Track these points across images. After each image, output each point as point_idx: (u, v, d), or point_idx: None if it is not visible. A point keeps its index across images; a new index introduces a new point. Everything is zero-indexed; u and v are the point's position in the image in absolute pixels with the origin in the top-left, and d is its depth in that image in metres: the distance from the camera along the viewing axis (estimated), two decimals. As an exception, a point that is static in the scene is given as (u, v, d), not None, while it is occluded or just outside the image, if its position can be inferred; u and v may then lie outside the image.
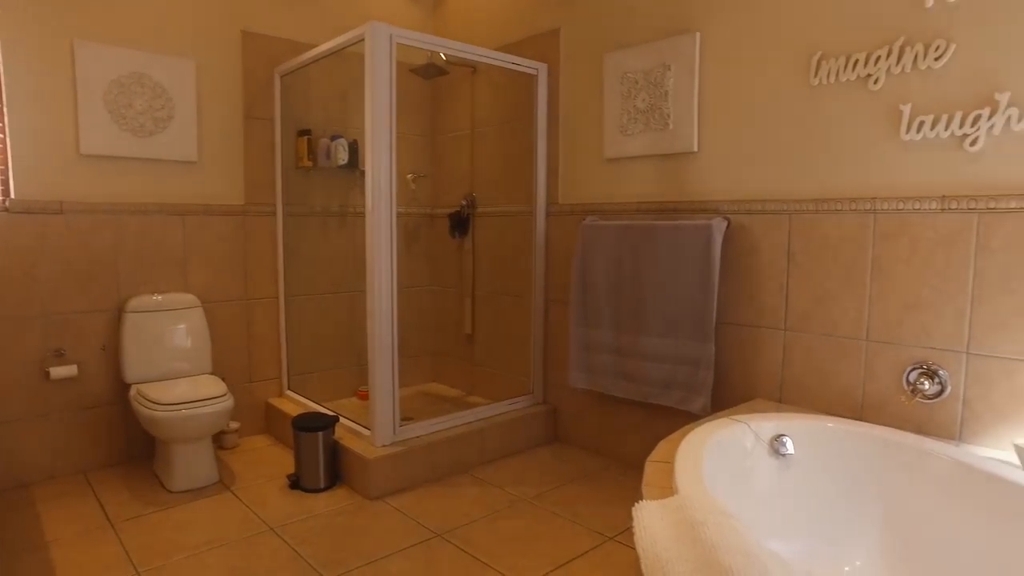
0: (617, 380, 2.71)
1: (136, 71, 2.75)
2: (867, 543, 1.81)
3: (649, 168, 2.73)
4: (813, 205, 2.25)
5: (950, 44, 1.92)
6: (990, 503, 1.63)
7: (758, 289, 2.42)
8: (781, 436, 1.98)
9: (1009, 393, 1.87)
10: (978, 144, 1.88)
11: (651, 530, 1.36)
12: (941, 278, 1.98)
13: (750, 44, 2.38)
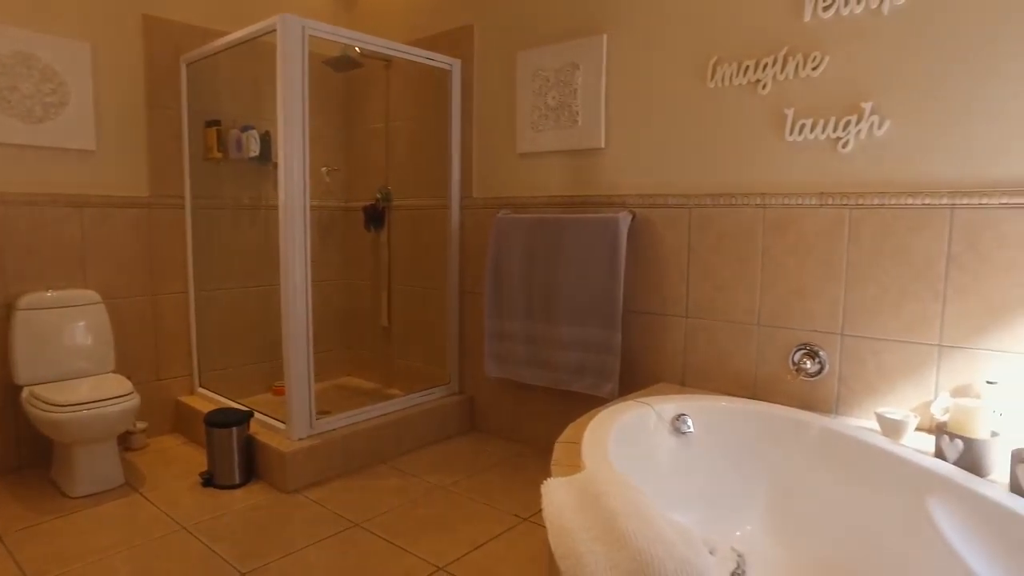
0: (530, 368, 2.81)
1: (20, 51, 2.59)
2: (756, 509, 1.99)
3: (560, 163, 2.84)
4: (710, 200, 2.41)
5: (824, 56, 2.11)
6: (854, 464, 1.84)
7: (662, 279, 2.57)
8: (682, 416, 2.12)
9: (876, 369, 2.09)
10: (848, 147, 2.08)
11: (557, 503, 1.45)
12: (821, 267, 2.18)
13: (653, 47, 2.52)
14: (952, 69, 1.90)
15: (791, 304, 2.26)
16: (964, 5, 1.87)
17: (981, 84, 1.86)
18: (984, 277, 1.89)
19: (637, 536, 1.22)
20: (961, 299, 1.93)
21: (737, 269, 2.37)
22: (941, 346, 1.98)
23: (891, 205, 2.02)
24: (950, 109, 1.91)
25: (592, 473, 1.56)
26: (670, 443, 2.08)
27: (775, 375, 2.31)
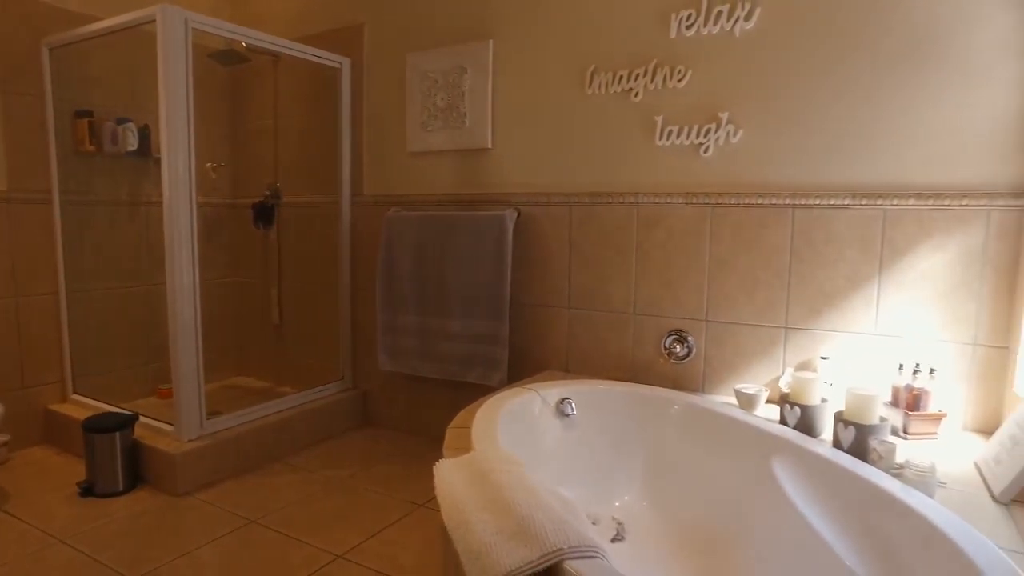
0: (423, 361, 2.89)
1: None
2: (633, 481, 2.18)
3: (449, 162, 2.94)
4: (590, 198, 2.60)
5: (688, 69, 2.34)
6: (716, 435, 2.07)
7: (546, 272, 2.73)
8: (565, 399, 2.29)
9: (734, 350, 2.35)
10: (709, 152, 2.32)
11: (449, 481, 1.56)
12: (687, 260, 2.41)
13: (536, 54, 2.67)
14: (790, 86, 2.17)
15: (662, 294, 2.49)
16: (801, 31, 2.14)
17: (813, 100, 2.14)
18: (818, 268, 2.18)
19: (521, 504, 1.35)
20: (801, 287, 2.21)
21: (614, 263, 2.57)
22: (787, 328, 2.26)
23: (745, 204, 2.28)
24: (789, 121, 2.19)
25: (481, 453, 1.68)
26: (555, 425, 2.24)
27: (650, 359, 2.53)
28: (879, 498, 1.52)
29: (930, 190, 2.01)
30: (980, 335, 1.99)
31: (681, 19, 2.33)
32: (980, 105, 1.93)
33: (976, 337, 1.99)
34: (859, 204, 2.10)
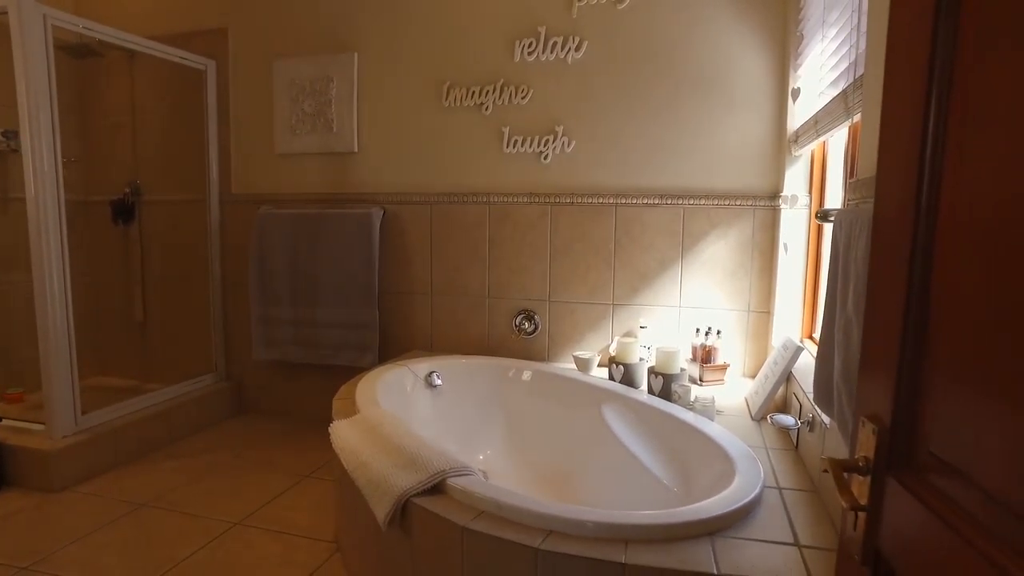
0: (298, 348, 3.09)
1: None
2: (494, 437, 2.56)
3: (318, 164, 3.15)
4: (447, 198, 2.95)
5: (530, 89, 2.76)
6: (559, 393, 2.52)
7: (410, 264, 3.04)
8: (432, 372, 2.63)
9: (572, 325, 2.82)
10: (548, 159, 2.77)
11: (344, 436, 1.85)
12: (532, 250, 2.84)
13: (399, 68, 2.97)
14: (613, 106, 2.67)
15: (512, 280, 2.90)
16: (621, 63, 2.64)
17: (631, 119, 2.65)
18: (636, 254, 2.69)
19: (408, 445, 1.68)
20: (624, 270, 2.72)
21: (470, 254, 2.94)
22: (614, 304, 2.76)
23: (578, 203, 2.75)
24: (613, 135, 2.68)
25: (367, 413, 1.98)
26: (425, 395, 2.57)
27: (503, 336, 2.94)
28: (678, 425, 2.03)
29: (714, 193, 2.59)
30: (752, 303, 2.60)
31: (523, 46, 2.75)
32: (746, 129, 2.54)
33: (749, 305, 2.60)
34: (665, 203, 2.64)
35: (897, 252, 0.63)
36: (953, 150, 0.58)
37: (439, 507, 1.44)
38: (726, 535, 1.33)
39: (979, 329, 0.51)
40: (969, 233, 0.54)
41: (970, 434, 0.51)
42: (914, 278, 0.59)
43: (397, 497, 1.48)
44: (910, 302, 0.59)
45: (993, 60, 0.53)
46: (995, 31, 0.53)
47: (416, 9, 2.92)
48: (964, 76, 0.57)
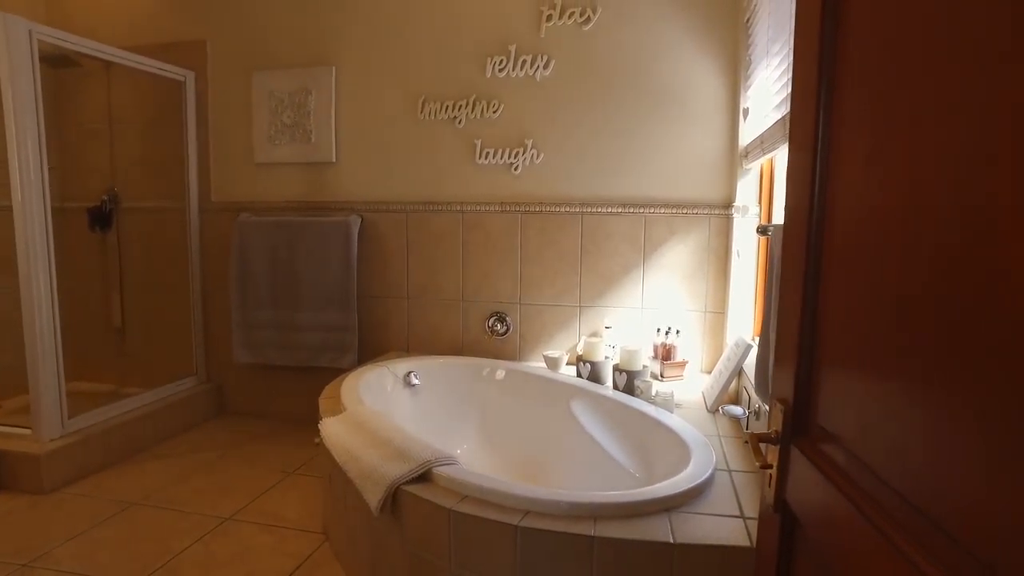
0: (278, 350, 3.21)
1: None
2: (470, 431, 2.72)
3: (296, 173, 3.27)
4: (423, 206, 3.10)
5: (501, 104, 2.93)
6: (530, 390, 2.69)
7: (387, 269, 3.18)
8: (411, 372, 2.78)
9: (541, 326, 2.99)
10: (519, 170, 2.94)
11: (334, 432, 1.99)
12: (504, 256, 3.01)
13: (376, 83, 3.11)
14: (579, 121, 2.85)
15: (484, 284, 3.06)
16: (587, 81, 2.82)
17: (596, 133, 2.84)
18: (601, 260, 2.88)
19: (395, 438, 1.84)
20: (590, 274, 2.91)
21: (445, 260, 3.10)
22: (580, 306, 2.94)
23: (547, 212, 2.93)
24: (579, 148, 2.87)
25: (353, 410, 2.13)
26: (404, 393, 2.72)
27: (476, 337, 3.10)
28: (640, 418, 2.22)
29: (673, 202, 2.79)
30: (708, 305, 2.81)
31: (495, 64, 2.91)
32: (702, 144, 2.75)
33: (706, 306, 2.81)
34: (628, 212, 2.84)
35: (796, 266, 0.82)
36: (831, 183, 0.76)
37: (427, 493, 1.60)
38: (681, 511, 1.52)
39: (845, 330, 0.70)
40: (838, 254, 0.73)
41: (841, 410, 0.69)
42: (808, 289, 0.78)
43: (388, 485, 1.64)
44: (805, 308, 0.78)
45: (847, 111, 0.71)
46: (847, 92, 0.71)
47: (392, 26, 3.06)
48: (839, 122, 0.75)
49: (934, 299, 0.53)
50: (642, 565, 1.38)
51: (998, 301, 0.45)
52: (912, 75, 0.59)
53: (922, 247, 0.55)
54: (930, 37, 0.56)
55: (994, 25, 0.48)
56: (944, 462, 0.51)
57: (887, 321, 0.61)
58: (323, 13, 3.15)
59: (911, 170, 0.58)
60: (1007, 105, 0.46)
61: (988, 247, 0.47)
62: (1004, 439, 0.44)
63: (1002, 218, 0.45)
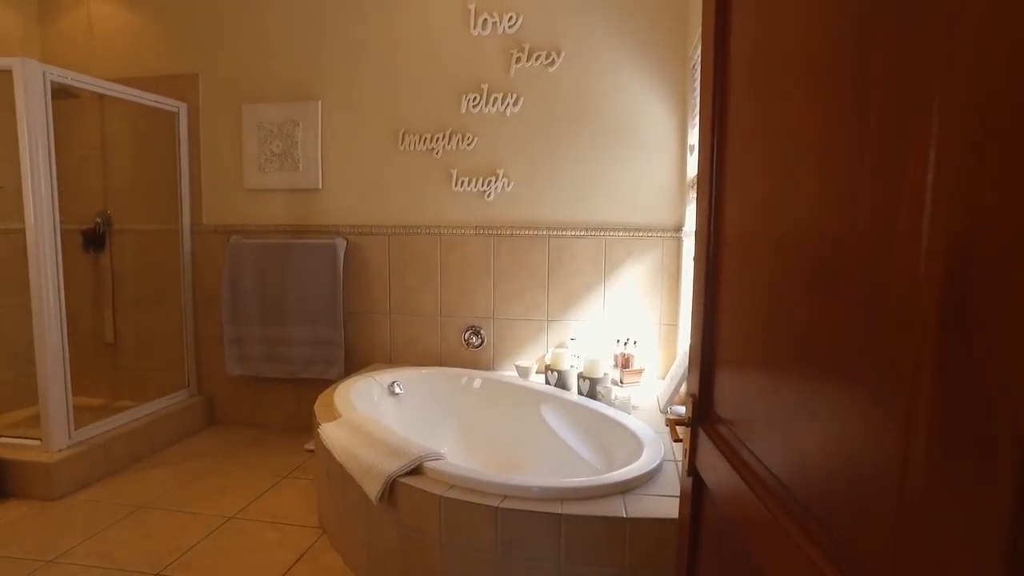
0: (268, 364, 3.44)
1: None
2: (449, 435, 3.00)
3: (284, 198, 3.52)
4: (403, 230, 3.38)
5: (475, 137, 3.23)
6: (503, 397, 2.98)
7: (370, 287, 3.45)
8: (394, 382, 3.04)
9: (513, 339, 3.29)
10: (491, 197, 3.24)
11: (333, 435, 2.25)
12: (478, 275, 3.30)
13: (359, 116, 3.39)
14: (546, 152, 3.17)
15: (460, 300, 3.35)
16: (552, 116, 3.14)
17: (560, 163, 3.16)
18: (566, 278, 3.20)
19: (390, 439, 2.11)
20: (556, 292, 3.22)
21: (424, 278, 3.38)
22: (548, 320, 3.25)
23: (517, 235, 3.23)
24: (545, 177, 3.18)
25: (348, 416, 2.40)
26: (389, 401, 2.98)
27: (454, 349, 3.38)
28: (601, 419, 2.52)
29: (631, 226, 3.12)
30: (662, 317, 3.14)
31: (469, 100, 3.22)
32: (656, 174, 3.09)
33: (660, 319, 3.14)
34: (590, 234, 3.16)
35: (699, 282, 1.13)
36: (721, 215, 1.07)
37: (420, 483, 1.88)
38: (634, 493, 1.82)
39: (731, 335, 1.01)
40: (726, 272, 1.04)
41: (730, 400, 1.00)
42: (708, 301, 1.09)
43: (386, 478, 1.91)
44: (707, 318, 1.09)
45: (728, 162, 1.03)
46: (726, 139, 1.03)
47: (375, 64, 3.35)
48: (723, 172, 1.06)
49: (786, 310, 0.84)
50: (601, 536, 1.68)
51: (836, 313, 0.75)
52: (761, 140, 0.89)
53: (768, 266, 0.86)
54: (763, 128, 0.87)
55: (810, 106, 0.79)
56: (797, 442, 0.80)
57: (758, 327, 0.91)
58: (310, 50, 3.42)
59: (763, 203, 0.88)
60: (812, 161, 0.77)
61: (817, 268, 0.77)
62: (844, 425, 0.71)
63: (824, 242, 0.76)
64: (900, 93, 0.56)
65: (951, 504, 0.48)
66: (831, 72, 0.71)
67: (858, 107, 0.64)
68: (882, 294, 0.57)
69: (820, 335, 0.71)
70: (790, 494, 0.77)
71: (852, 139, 0.64)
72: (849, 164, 0.65)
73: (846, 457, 0.64)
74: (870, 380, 0.59)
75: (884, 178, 0.58)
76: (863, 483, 0.60)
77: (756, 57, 0.95)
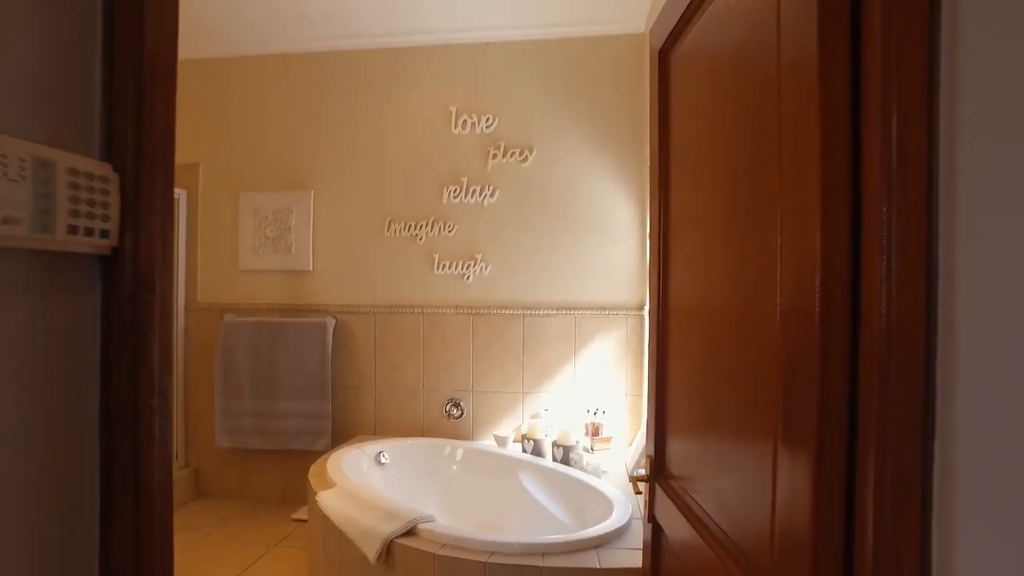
0: (258, 436, 3.61)
1: None
2: (432, 501, 3.18)
3: (277, 279, 3.78)
4: (388, 309, 3.65)
5: (455, 224, 3.57)
6: (483, 465, 3.21)
7: (357, 363, 3.69)
8: (381, 452, 3.25)
9: (491, 410, 3.54)
10: (470, 280, 3.55)
11: (331, 503, 2.45)
12: (459, 351, 3.57)
13: (348, 204, 3.71)
14: (520, 239, 3.51)
15: (442, 375, 3.60)
16: (525, 206, 3.51)
17: (534, 249, 3.50)
18: (540, 353, 3.49)
19: (385, 504, 2.32)
20: (531, 366, 3.50)
21: (407, 354, 3.63)
22: (523, 393, 3.51)
23: (494, 314, 3.53)
24: (520, 261, 3.51)
25: (343, 484, 2.60)
26: (376, 470, 3.18)
27: (435, 420, 3.61)
28: (575, 483, 2.77)
29: (598, 305, 3.45)
30: (629, 389, 3.43)
31: (450, 192, 3.57)
32: (620, 258, 3.44)
33: (627, 390, 3.43)
34: (562, 313, 3.47)
35: (652, 357, 1.42)
36: (666, 297, 1.38)
37: (415, 543, 2.09)
38: (607, 547, 2.06)
39: (675, 404, 1.30)
40: (672, 345, 1.33)
41: (677, 459, 1.28)
42: (659, 374, 1.38)
43: (384, 539, 2.11)
44: (659, 390, 1.38)
45: (671, 251, 1.34)
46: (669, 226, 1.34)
47: (365, 157, 3.70)
48: (668, 261, 1.38)
49: (706, 378, 1.13)
50: (577, 587, 1.91)
51: (734, 383, 1.05)
52: (690, 229, 1.21)
53: (695, 339, 1.16)
54: (689, 219, 1.19)
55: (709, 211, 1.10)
56: (719, 489, 1.08)
57: (693, 394, 1.20)
58: (305, 144, 3.76)
59: (690, 283, 1.19)
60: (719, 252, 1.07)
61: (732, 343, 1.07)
62: (745, 473, 1.01)
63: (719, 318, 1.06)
64: (759, 208, 0.88)
65: (794, 534, 0.77)
66: (717, 186, 1.04)
67: (738, 210, 0.96)
68: (757, 365, 0.87)
69: (727, 401, 1.00)
70: (718, 527, 1.04)
71: (742, 230, 0.96)
72: (741, 252, 0.96)
73: (746, 497, 0.93)
74: (755, 438, 0.89)
75: (763, 268, 0.89)
76: (757, 515, 0.89)
77: (681, 165, 1.29)
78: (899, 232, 0.60)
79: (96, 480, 0.79)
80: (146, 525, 0.81)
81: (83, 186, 0.69)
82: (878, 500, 0.62)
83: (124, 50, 0.74)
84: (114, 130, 0.75)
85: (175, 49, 0.82)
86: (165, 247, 0.81)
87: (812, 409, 0.69)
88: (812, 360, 0.69)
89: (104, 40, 0.74)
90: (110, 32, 0.74)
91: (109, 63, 0.75)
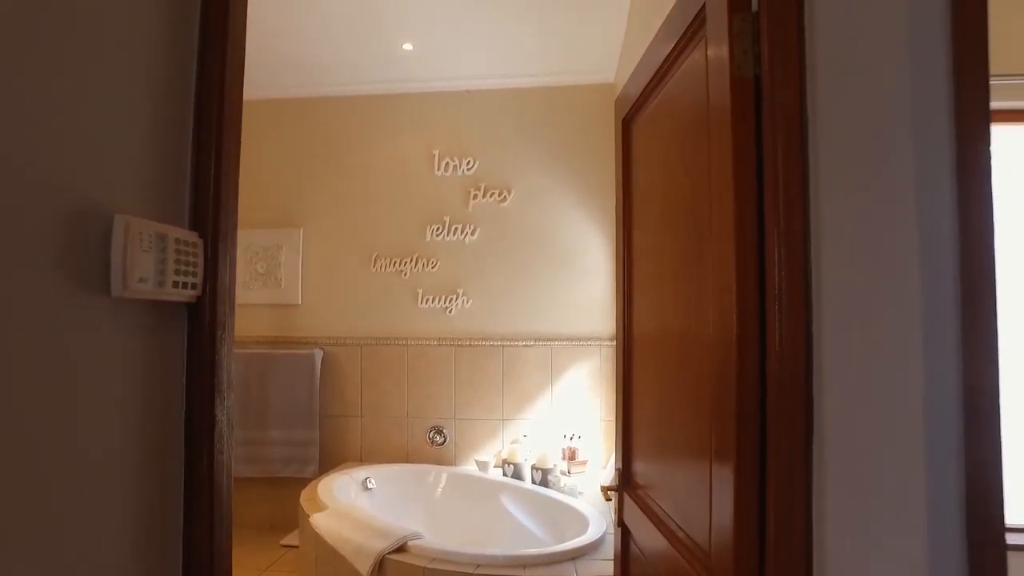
0: (248, 464, 3.73)
1: None
2: (419, 523, 3.32)
3: (267, 312, 3.94)
4: (374, 341, 3.83)
5: (438, 260, 3.79)
6: (466, 488, 3.38)
7: (344, 392, 3.85)
8: (367, 478, 3.40)
9: (473, 437, 3.72)
10: (452, 313, 3.76)
11: (324, 524, 2.61)
12: (442, 380, 3.76)
13: (336, 242, 3.91)
14: (500, 274, 3.74)
15: (426, 403, 3.78)
16: (504, 243, 3.74)
17: (513, 284, 3.73)
18: (519, 382, 3.69)
19: (376, 524, 2.49)
20: (511, 394, 3.70)
21: (393, 384, 3.81)
22: (504, 419, 3.70)
23: (476, 345, 3.73)
24: (500, 295, 3.74)
25: (335, 507, 2.76)
26: (364, 495, 3.33)
27: (419, 446, 3.77)
28: (553, 503, 2.96)
29: (573, 336, 3.67)
30: (603, 414, 3.64)
31: (433, 230, 3.79)
32: (593, 291, 3.68)
33: (601, 416, 3.64)
34: (539, 344, 3.69)
35: (619, 379, 1.64)
36: (629, 323, 1.60)
37: (406, 558, 2.26)
38: (583, 559, 2.26)
39: (639, 423, 1.51)
40: (635, 370, 1.56)
41: (642, 471, 1.49)
42: (625, 396, 1.60)
43: (376, 556, 2.28)
44: (626, 409, 1.59)
45: (634, 289, 1.57)
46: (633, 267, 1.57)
47: (352, 197, 3.91)
48: (631, 297, 1.60)
49: (663, 399, 1.35)
50: (556, 594, 2.10)
51: (680, 401, 1.27)
52: (649, 262, 1.44)
53: (651, 364, 1.38)
54: (649, 251, 1.42)
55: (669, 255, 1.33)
56: (674, 493, 1.30)
57: (652, 414, 1.42)
58: (295, 185, 3.97)
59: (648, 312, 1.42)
60: (673, 288, 1.30)
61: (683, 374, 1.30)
62: (688, 480, 1.23)
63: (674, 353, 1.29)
64: (697, 253, 1.11)
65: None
66: (668, 231, 1.27)
67: (684, 253, 1.19)
68: (699, 387, 1.10)
69: (679, 417, 1.23)
70: (675, 523, 1.26)
71: (688, 271, 1.20)
72: (686, 291, 1.20)
73: (692, 494, 1.15)
74: (697, 447, 1.11)
75: (702, 305, 1.12)
76: (701, 509, 1.11)
77: (641, 211, 1.53)
78: (787, 284, 0.83)
79: (181, 478, 0.99)
80: (218, 516, 1.00)
81: (182, 251, 0.90)
82: (779, 486, 0.85)
83: (207, 139, 0.96)
84: (198, 204, 0.96)
85: (239, 139, 1.04)
86: (231, 296, 1.02)
87: (732, 416, 0.92)
88: (731, 378, 0.91)
89: (194, 135, 0.96)
90: (198, 128, 0.96)
91: (196, 152, 0.96)
